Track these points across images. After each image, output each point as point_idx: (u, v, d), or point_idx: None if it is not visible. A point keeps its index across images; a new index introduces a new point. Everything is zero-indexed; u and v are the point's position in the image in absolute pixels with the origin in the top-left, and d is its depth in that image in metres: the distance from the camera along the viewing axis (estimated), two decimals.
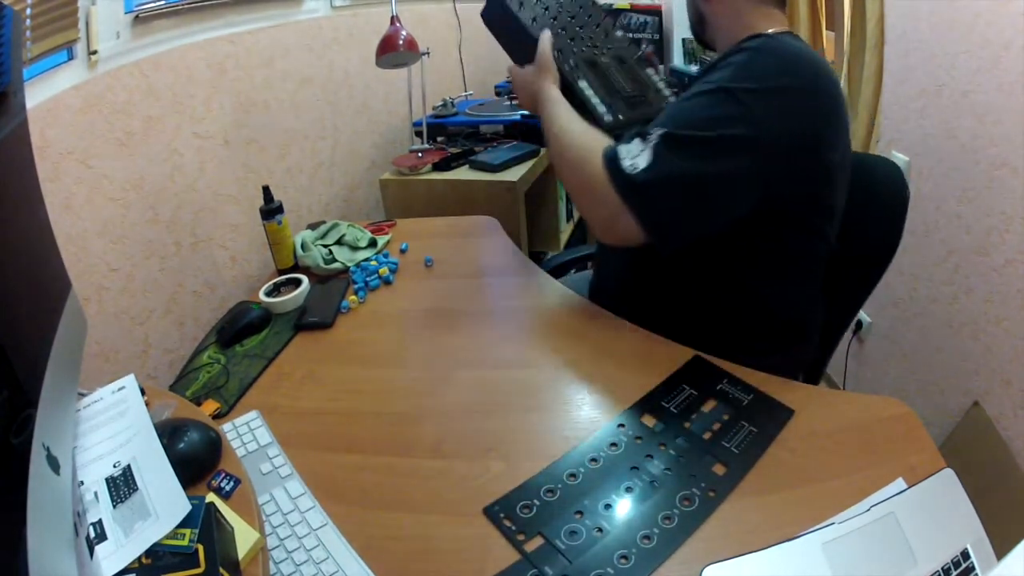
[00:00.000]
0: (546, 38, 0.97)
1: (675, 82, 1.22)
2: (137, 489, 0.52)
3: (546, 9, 1.03)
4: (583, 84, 0.96)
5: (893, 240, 0.97)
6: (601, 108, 0.95)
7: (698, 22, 0.95)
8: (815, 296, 0.94)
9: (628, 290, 1.02)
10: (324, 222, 1.34)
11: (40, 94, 0.87)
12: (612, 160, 0.79)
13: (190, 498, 0.51)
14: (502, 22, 1.01)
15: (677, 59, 2.62)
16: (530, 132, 1.70)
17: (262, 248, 1.29)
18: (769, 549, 0.56)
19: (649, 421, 0.75)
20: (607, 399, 0.80)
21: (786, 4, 0.91)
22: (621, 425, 0.75)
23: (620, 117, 0.95)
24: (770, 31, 0.85)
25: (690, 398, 0.78)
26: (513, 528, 0.62)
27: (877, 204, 0.97)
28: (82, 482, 0.53)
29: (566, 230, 2.02)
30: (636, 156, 0.76)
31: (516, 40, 1.00)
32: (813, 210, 0.85)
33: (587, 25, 1.07)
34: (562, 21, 1.04)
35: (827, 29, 2.09)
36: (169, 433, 0.59)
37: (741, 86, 0.75)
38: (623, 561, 0.58)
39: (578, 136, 0.87)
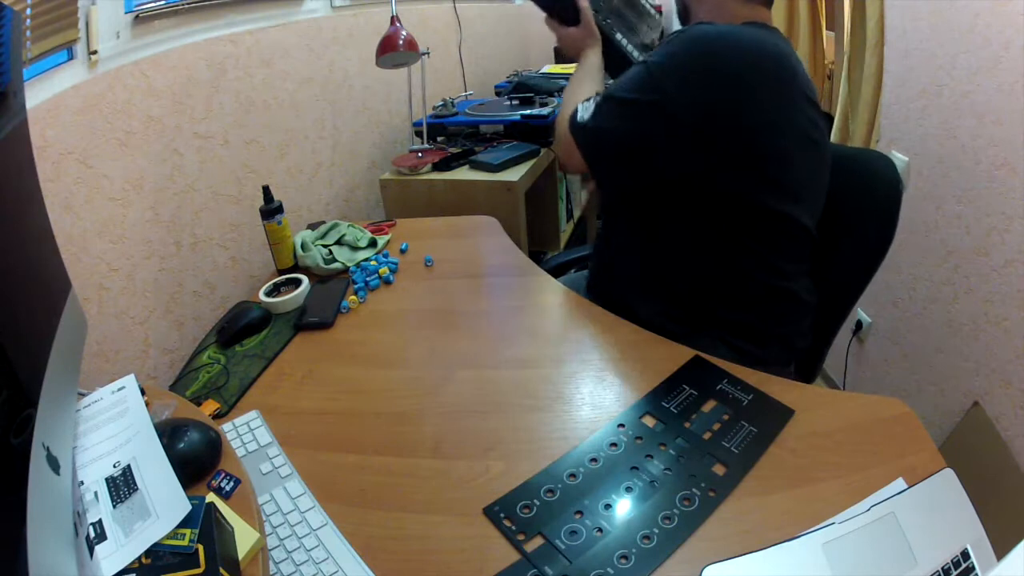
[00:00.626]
0: (585, 4, 1.13)
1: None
2: (137, 489, 0.52)
3: None
4: (619, 36, 1.17)
5: (888, 232, 0.98)
6: (635, 54, 1.17)
7: (683, 12, 1.05)
8: (800, 271, 0.97)
9: (620, 273, 1.07)
10: (324, 222, 1.34)
11: (40, 94, 0.87)
12: (575, 112, 0.98)
13: (190, 498, 0.51)
14: None
15: None
16: (530, 132, 1.70)
17: (262, 248, 1.29)
18: (769, 549, 0.56)
19: (649, 421, 0.75)
20: (607, 399, 0.80)
21: (772, 0, 0.95)
22: (621, 425, 0.75)
23: None
24: (743, 22, 0.92)
25: (690, 398, 0.78)
26: (513, 528, 0.62)
27: (872, 197, 0.99)
28: (82, 482, 0.53)
29: (566, 230, 2.02)
30: (587, 110, 0.95)
31: (558, 2, 1.16)
32: (766, 189, 0.87)
33: None
34: None
35: (827, 29, 2.09)
36: (169, 433, 0.59)
37: (655, 61, 0.88)
38: (623, 561, 0.58)
39: (574, 93, 1.05)
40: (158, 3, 1.11)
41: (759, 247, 0.91)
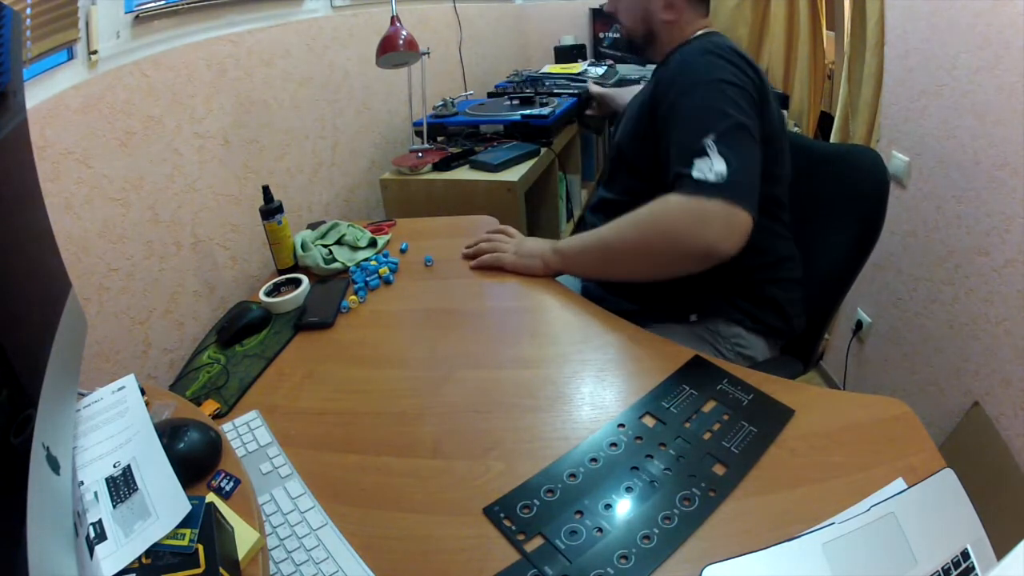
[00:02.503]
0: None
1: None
2: (137, 489, 0.52)
3: None
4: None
5: (877, 222, 1.04)
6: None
7: (646, 38, 1.11)
8: (783, 233, 1.07)
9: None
10: (324, 222, 1.34)
11: (40, 94, 0.87)
12: (696, 185, 0.84)
13: (190, 498, 0.51)
14: None
15: None
16: (530, 132, 1.70)
17: (262, 248, 1.29)
18: (769, 549, 0.56)
19: (649, 421, 0.75)
20: (607, 399, 0.80)
21: (709, 8, 1.09)
22: (621, 425, 0.75)
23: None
24: (698, 33, 1.07)
25: (690, 398, 0.78)
26: (513, 528, 0.62)
27: (859, 189, 1.07)
28: (82, 482, 0.53)
29: (566, 230, 2.02)
30: (712, 166, 0.83)
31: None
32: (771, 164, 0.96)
33: None
34: None
35: (827, 29, 2.09)
36: (169, 433, 0.59)
37: (710, 77, 0.91)
38: (623, 561, 0.58)
39: (632, 222, 0.93)
40: (158, 3, 1.11)
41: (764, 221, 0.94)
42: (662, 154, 0.95)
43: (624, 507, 0.64)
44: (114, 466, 0.54)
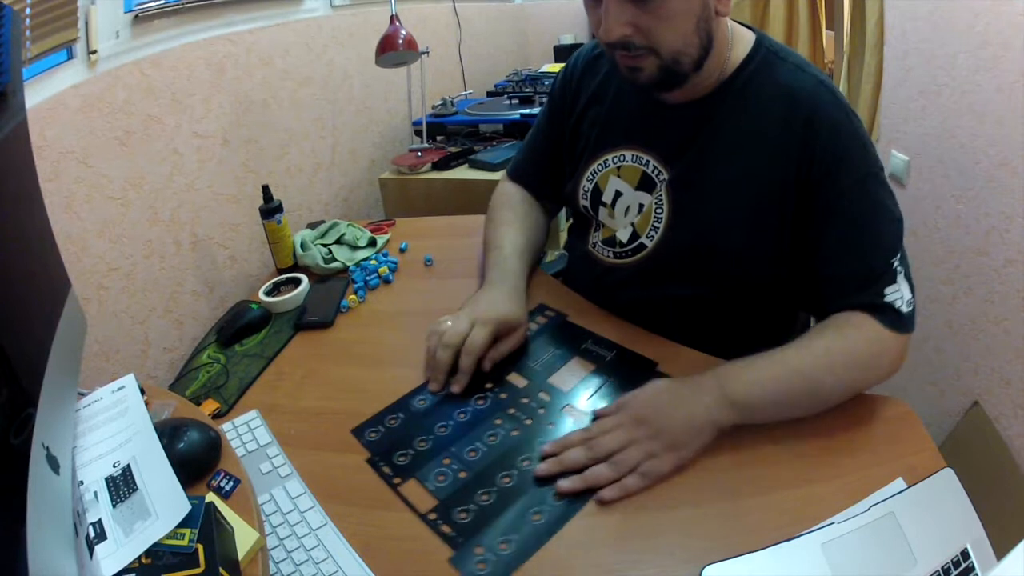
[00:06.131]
0: None
1: None
2: (137, 489, 0.52)
3: None
4: None
5: None
6: None
7: (702, 53, 0.74)
8: None
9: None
10: (323, 221, 1.34)
11: (40, 94, 0.87)
12: (901, 321, 0.72)
13: (190, 498, 0.51)
14: None
15: None
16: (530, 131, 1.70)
17: (262, 247, 1.29)
18: (769, 549, 0.56)
19: (516, 380, 0.76)
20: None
21: None
22: (489, 384, 0.83)
23: None
24: (753, 41, 0.79)
25: (554, 356, 0.86)
26: (390, 474, 0.63)
27: None
28: (82, 482, 0.53)
29: (565, 230, 2.02)
30: (902, 296, 0.72)
31: None
32: None
33: None
34: None
35: (827, 29, 2.09)
36: (169, 433, 0.59)
37: (875, 153, 0.75)
38: (484, 498, 0.58)
39: (847, 363, 0.71)
40: (157, 3, 1.11)
41: None
42: (808, 244, 0.76)
43: (487, 453, 0.71)
44: (114, 466, 0.54)
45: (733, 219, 0.79)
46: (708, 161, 0.80)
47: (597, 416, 0.73)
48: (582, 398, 0.78)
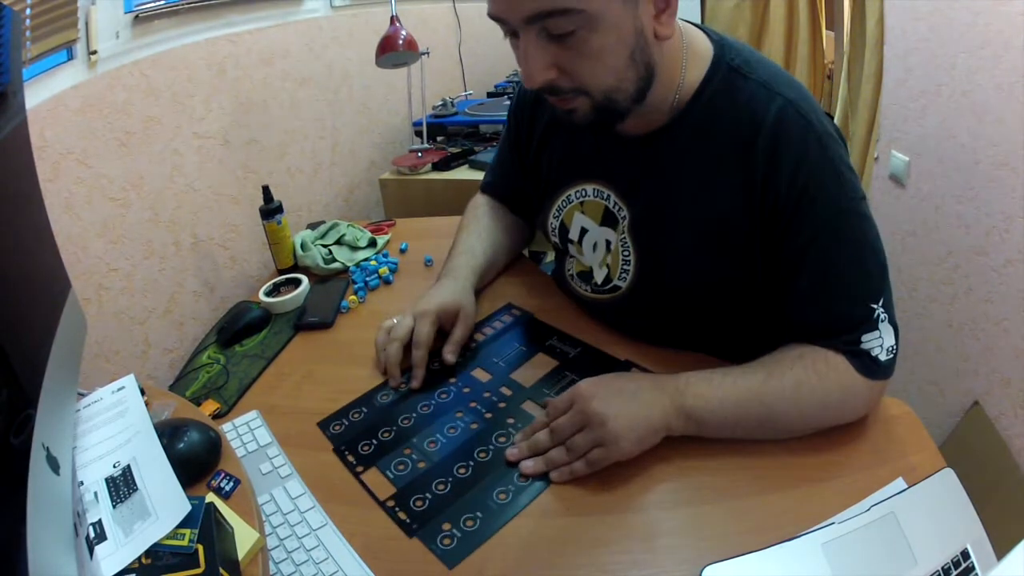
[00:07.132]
0: None
1: None
2: (137, 489, 0.52)
3: None
4: None
5: None
6: None
7: (642, 85, 0.67)
8: None
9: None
10: (324, 222, 1.34)
11: (40, 94, 0.87)
12: (878, 368, 0.68)
13: (190, 498, 0.51)
14: None
15: None
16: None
17: (262, 248, 1.29)
18: (769, 549, 0.56)
19: (480, 374, 0.78)
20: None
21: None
22: (452, 378, 0.85)
23: None
24: (708, 53, 0.71)
25: (519, 353, 0.87)
26: (354, 462, 0.65)
27: None
28: (82, 482, 0.53)
29: None
30: (883, 343, 0.68)
31: None
32: None
33: None
34: None
35: (827, 29, 2.10)
36: (169, 433, 0.59)
37: (857, 184, 0.67)
38: (441, 487, 0.58)
39: (814, 402, 0.67)
40: (158, 3, 1.11)
41: None
42: (780, 284, 0.71)
43: (446, 444, 0.73)
44: (114, 466, 0.54)
45: (701, 261, 0.74)
46: (670, 199, 0.75)
47: (546, 405, 0.73)
48: (543, 393, 0.79)
